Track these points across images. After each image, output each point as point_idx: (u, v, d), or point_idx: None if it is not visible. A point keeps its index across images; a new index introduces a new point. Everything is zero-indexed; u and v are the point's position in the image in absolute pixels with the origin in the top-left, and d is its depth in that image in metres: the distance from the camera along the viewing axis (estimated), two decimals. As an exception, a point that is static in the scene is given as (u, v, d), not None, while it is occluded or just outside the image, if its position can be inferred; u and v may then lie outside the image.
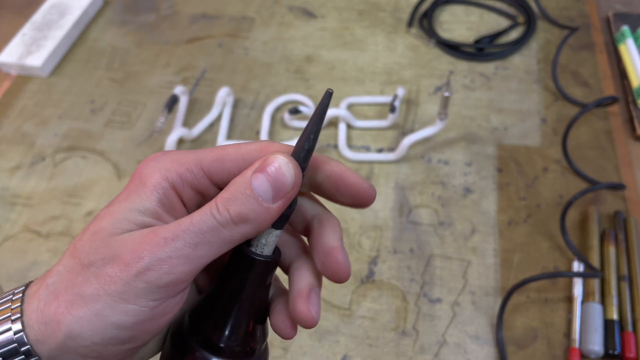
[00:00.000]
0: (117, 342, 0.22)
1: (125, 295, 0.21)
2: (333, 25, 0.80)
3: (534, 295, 0.52)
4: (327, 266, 0.24)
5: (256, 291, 0.24)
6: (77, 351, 0.22)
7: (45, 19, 0.81)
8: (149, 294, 0.21)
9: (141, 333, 0.22)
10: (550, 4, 0.79)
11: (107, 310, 0.21)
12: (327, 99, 0.22)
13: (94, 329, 0.21)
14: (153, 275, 0.21)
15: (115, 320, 0.21)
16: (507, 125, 0.66)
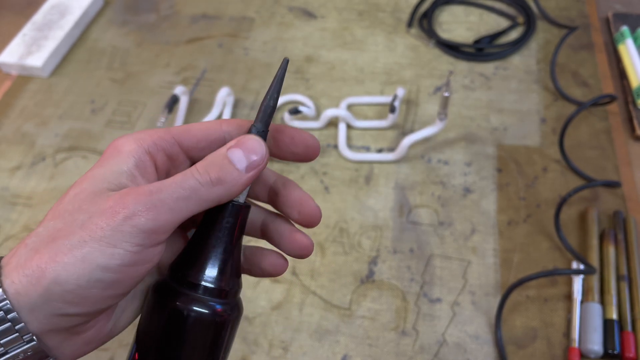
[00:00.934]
0: (101, 285, 0.23)
1: (112, 239, 0.22)
2: (333, 26, 0.80)
3: (534, 295, 0.52)
4: (303, 213, 0.27)
5: (229, 234, 0.26)
6: (62, 297, 0.22)
7: (45, 19, 0.82)
8: (133, 237, 0.23)
9: (124, 277, 0.23)
10: (550, 4, 0.79)
11: (93, 254, 0.22)
12: (284, 66, 0.26)
13: (80, 272, 0.22)
14: (139, 221, 0.23)
15: (101, 263, 0.22)
16: (507, 126, 0.66)
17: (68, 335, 0.25)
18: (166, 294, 0.26)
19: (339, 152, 0.64)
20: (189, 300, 0.25)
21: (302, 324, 0.52)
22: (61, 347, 0.25)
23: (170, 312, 0.25)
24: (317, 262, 0.56)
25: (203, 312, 0.25)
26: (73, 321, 0.24)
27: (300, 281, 0.55)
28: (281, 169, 0.63)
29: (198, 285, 0.25)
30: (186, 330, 0.25)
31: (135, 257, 0.23)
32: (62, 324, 0.23)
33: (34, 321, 0.22)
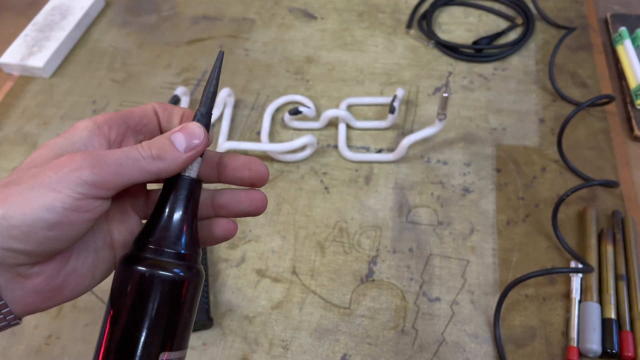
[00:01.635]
0: (45, 225, 0.25)
1: (57, 185, 0.25)
2: (333, 27, 0.80)
3: (533, 294, 0.52)
4: (253, 170, 0.31)
5: (183, 205, 0.29)
6: (8, 232, 0.24)
7: (47, 20, 0.82)
8: (77, 186, 0.25)
9: (66, 221, 0.25)
10: (549, 5, 0.79)
11: (39, 197, 0.25)
12: (220, 58, 0.30)
13: (26, 211, 0.25)
14: (83, 173, 0.25)
15: (45, 204, 0.25)
16: (506, 126, 0.66)
17: (15, 276, 0.26)
18: (130, 260, 0.28)
19: (338, 153, 0.65)
20: (150, 263, 0.28)
21: (302, 323, 0.52)
22: (8, 288, 0.26)
23: (135, 274, 0.28)
24: (317, 261, 0.56)
25: (163, 273, 0.28)
26: (18, 258, 0.25)
27: (300, 281, 0.55)
28: (281, 169, 0.64)
29: (158, 250, 0.28)
30: (149, 291, 0.27)
31: (76, 202, 0.25)
32: (7, 260, 0.25)
33: None
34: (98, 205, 0.27)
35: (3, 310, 0.27)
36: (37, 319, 0.54)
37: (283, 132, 0.68)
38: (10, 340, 0.52)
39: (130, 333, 0.28)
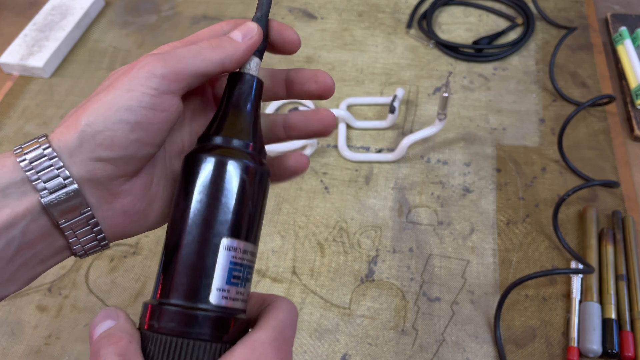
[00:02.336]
0: (126, 127, 0.26)
1: (131, 85, 0.26)
2: (333, 27, 0.80)
3: (533, 295, 0.52)
4: (319, 82, 0.32)
5: (244, 101, 0.30)
6: (93, 138, 0.26)
7: (46, 19, 0.82)
8: (148, 81, 0.26)
9: (144, 120, 0.27)
10: (549, 5, 0.79)
11: (117, 99, 0.26)
12: None
13: (107, 114, 0.26)
14: (152, 67, 0.27)
15: (123, 104, 0.26)
16: (506, 126, 0.66)
17: (106, 195, 0.28)
18: (194, 152, 0.28)
19: (338, 152, 0.65)
20: (216, 152, 0.28)
21: (302, 323, 0.52)
22: (100, 208, 0.28)
23: (199, 161, 0.28)
24: (317, 261, 0.56)
25: (230, 158, 0.27)
26: (107, 170, 0.27)
27: (300, 280, 0.55)
28: (281, 169, 0.64)
29: (224, 139, 0.28)
30: (216, 178, 0.27)
31: (152, 100, 0.27)
32: (98, 172, 0.27)
33: (73, 165, 0.26)
34: (173, 104, 0.28)
35: (95, 229, 0.28)
36: (37, 319, 0.54)
37: (283, 132, 0.68)
38: (10, 341, 0.52)
39: (193, 217, 0.27)
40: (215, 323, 0.26)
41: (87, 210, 0.27)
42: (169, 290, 0.26)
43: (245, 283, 0.27)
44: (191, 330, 0.25)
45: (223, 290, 0.26)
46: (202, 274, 0.26)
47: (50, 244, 0.27)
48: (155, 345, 0.25)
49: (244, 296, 0.27)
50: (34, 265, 0.27)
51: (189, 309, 0.26)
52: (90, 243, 0.28)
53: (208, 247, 0.26)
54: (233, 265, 0.27)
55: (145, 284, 0.55)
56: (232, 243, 0.27)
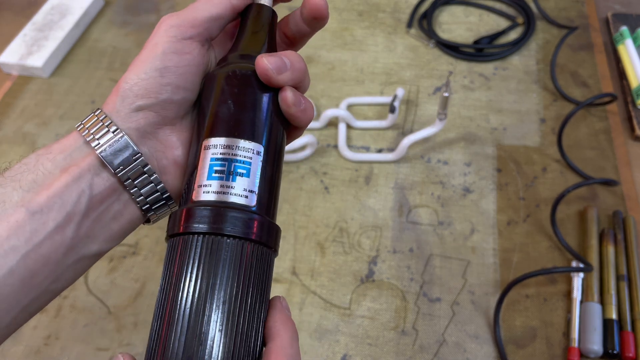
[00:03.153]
0: (156, 73, 0.29)
1: (155, 40, 0.30)
2: (333, 26, 0.80)
3: (533, 295, 0.52)
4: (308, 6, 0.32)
5: (260, 24, 0.32)
6: (131, 91, 0.29)
7: (46, 19, 0.82)
8: (167, 32, 0.30)
9: (171, 64, 0.29)
10: (550, 5, 0.79)
11: (145, 54, 0.29)
12: None
13: (139, 67, 0.29)
14: (169, 20, 0.30)
15: (150, 56, 0.29)
16: (506, 126, 0.66)
17: (157, 144, 0.30)
18: (223, 67, 0.30)
19: (339, 152, 0.65)
20: (233, 64, 0.29)
21: (302, 324, 0.52)
22: (154, 157, 0.30)
23: (219, 76, 0.29)
24: (317, 262, 0.56)
25: (246, 66, 0.29)
26: (149, 117, 0.29)
27: (300, 281, 0.55)
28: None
29: (243, 55, 0.30)
30: (208, 90, 0.29)
31: (173, 45, 0.29)
32: (141, 121, 0.29)
33: (119, 120, 0.29)
34: (195, 48, 0.30)
35: (152, 177, 0.29)
36: (36, 319, 0.54)
37: (283, 132, 0.68)
38: (10, 341, 0.52)
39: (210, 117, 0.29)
40: (185, 215, 0.27)
41: (138, 157, 0.29)
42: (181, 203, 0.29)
43: (234, 177, 0.27)
44: (176, 227, 0.27)
45: (204, 185, 0.27)
46: (192, 178, 0.28)
47: (117, 197, 0.29)
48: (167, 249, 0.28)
49: (236, 190, 0.27)
50: (108, 222, 0.29)
51: (175, 212, 0.28)
52: (151, 195, 0.30)
53: (197, 151, 0.28)
54: (214, 161, 0.27)
55: (145, 284, 0.55)
56: (209, 142, 0.28)
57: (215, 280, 0.25)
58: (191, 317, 0.24)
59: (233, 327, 0.24)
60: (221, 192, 0.27)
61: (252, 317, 0.25)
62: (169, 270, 0.26)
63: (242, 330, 0.25)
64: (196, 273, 0.25)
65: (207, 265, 0.25)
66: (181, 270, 0.25)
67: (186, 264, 0.25)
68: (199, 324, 0.24)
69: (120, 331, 0.52)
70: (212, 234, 0.25)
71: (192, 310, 0.24)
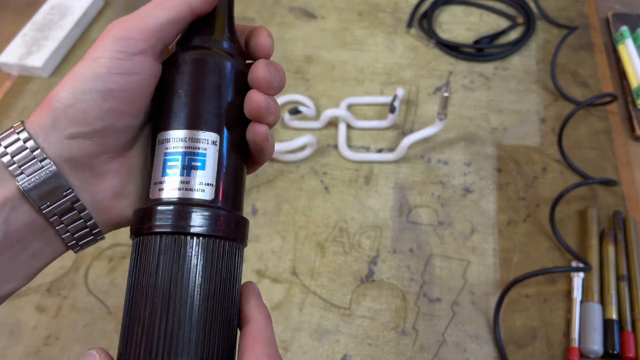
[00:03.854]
0: (97, 96, 0.25)
1: (96, 53, 0.25)
2: (333, 26, 0.80)
3: (534, 295, 0.52)
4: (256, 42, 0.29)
5: (223, 6, 0.29)
6: (65, 113, 0.25)
7: (46, 19, 0.82)
8: (112, 45, 0.25)
9: (116, 87, 0.25)
10: (550, 5, 0.79)
11: (84, 69, 0.25)
12: None
13: (75, 86, 0.25)
14: (118, 29, 0.26)
15: (90, 73, 0.25)
16: (507, 126, 0.66)
17: (90, 176, 0.26)
18: (175, 54, 0.28)
19: (339, 152, 0.64)
20: (186, 49, 0.27)
21: (302, 324, 0.52)
22: (87, 190, 0.26)
23: (169, 62, 0.27)
24: (317, 262, 0.56)
25: (201, 50, 0.27)
26: (85, 147, 0.25)
27: (300, 281, 0.55)
28: (281, 169, 0.63)
29: (199, 37, 0.28)
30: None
31: (120, 63, 0.25)
32: (75, 151, 0.25)
33: (48, 146, 0.25)
34: (146, 67, 0.26)
35: (82, 214, 0.26)
36: (36, 319, 0.54)
37: (283, 132, 0.68)
38: (9, 341, 0.52)
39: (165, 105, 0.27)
40: (139, 215, 0.26)
41: (69, 192, 0.25)
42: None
43: (188, 170, 0.26)
44: (141, 226, 0.26)
45: (159, 182, 0.26)
46: (150, 176, 0.26)
47: (39, 234, 0.25)
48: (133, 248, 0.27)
49: (192, 184, 0.26)
50: (27, 260, 0.25)
51: (135, 210, 0.27)
52: (80, 231, 0.26)
53: (152, 146, 0.27)
54: (167, 156, 0.26)
55: (145, 284, 0.55)
56: (162, 135, 0.26)
57: (182, 278, 0.24)
58: (163, 317, 0.24)
59: (206, 322, 0.24)
60: (178, 187, 0.26)
61: (224, 308, 0.25)
62: (136, 270, 0.25)
63: (216, 323, 0.25)
64: (162, 275, 0.24)
65: (172, 266, 0.24)
66: (147, 272, 0.25)
67: (151, 266, 0.25)
68: (173, 324, 0.24)
69: (119, 331, 0.52)
70: (175, 233, 0.25)
71: (164, 309, 0.24)
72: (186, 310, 0.24)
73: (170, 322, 0.24)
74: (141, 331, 0.24)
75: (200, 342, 0.24)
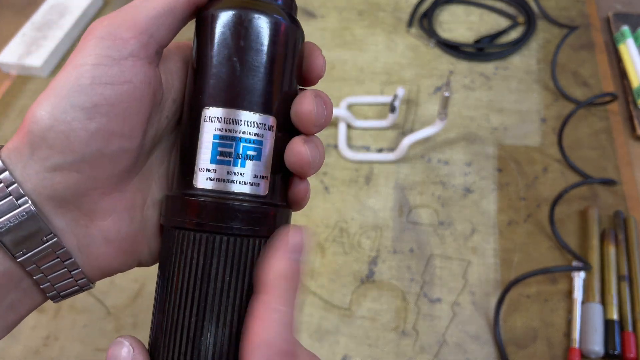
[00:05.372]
0: (80, 114, 0.20)
1: (77, 60, 0.20)
2: (333, 25, 0.80)
3: (534, 295, 0.52)
4: None
5: None
6: (44, 139, 0.20)
7: (45, 19, 0.81)
8: (96, 49, 0.21)
9: (103, 101, 0.20)
10: (550, 4, 0.79)
11: (62, 81, 0.20)
12: None
13: (54, 102, 0.20)
14: (96, 31, 0.21)
15: (71, 85, 0.20)
16: (507, 125, 0.66)
17: (78, 217, 0.22)
18: (226, 4, 0.23)
19: (339, 152, 0.64)
20: (238, 3, 0.23)
21: (302, 324, 0.52)
22: (73, 234, 0.22)
23: (220, 20, 0.23)
24: (317, 262, 0.56)
25: (256, 6, 0.23)
26: (70, 180, 0.21)
27: (300, 281, 0.55)
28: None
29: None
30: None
31: (106, 70, 0.20)
32: (59, 186, 0.21)
33: (27, 180, 0.20)
34: (138, 72, 0.21)
35: (67, 262, 0.21)
36: (35, 319, 0.53)
37: (283, 132, 0.67)
38: (8, 341, 0.52)
39: (187, 92, 0.23)
40: (195, 208, 0.22)
41: (50, 237, 0.21)
42: (172, 183, 0.24)
43: (242, 161, 0.22)
44: (176, 219, 0.22)
45: (207, 170, 0.22)
46: (191, 155, 0.23)
47: (15, 285, 0.21)
48: (163, 239, 0.24)
49: (245, 177, 0.22)
50: (2, 313, 0.21)
51: (173, 196, 0.23)
52: (63, 281, 0.22)
53: (192, 119, 0.23)
54: (217, 140, 0.22)
55: (144, 284, 0.55)
56: (209, 112, 0.22)
57: (236, 285, 0.22)
58: (211, 329, 0.22)
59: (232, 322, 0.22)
60: (228, 180, 0.22)
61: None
62: (182, 269, 0.22)
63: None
64: (213, 281, 0.22)
65: (224, 271, 0.22)
66: (197, 274, 0.22)
67: (204, 268, 0.22)
68: (222, 336, 0.22)
69: (119, 331, 0.52)
70: (228, 234, 0.22)
71: (213, 320, 0.22)
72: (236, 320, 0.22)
73: (220, 333, 0.22)
74: (187, 339, 0.22)
75: None
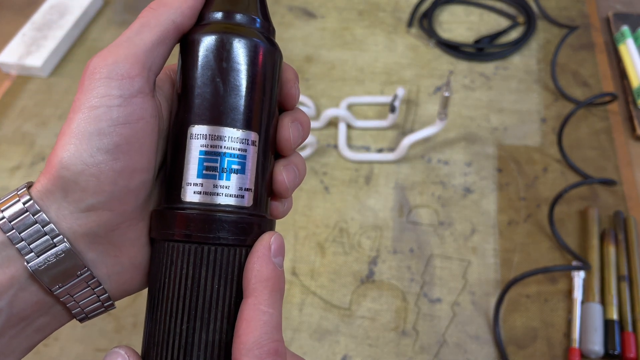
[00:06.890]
0: (106, 156, 0.22)
1: (90, 102, 0.22)
2: (333, 25, 0.80)
3: (534, 295, 0.52)
4: None
5: None
6: (75, 182, 0.22)
7: (45, 19, 0.81)
8: (107, 89, 0.22)
9: (123, 141, 0.22)
10: (550, 4, 0.79)
11: (81, 125, 0.21)
12: None
13: (79, 147, 0.21)
14: (102, 71, 0.22)
15: (91, 129, 0.21)
16: (507, 125, 0.66)
17: (109, 248, 0.23)
18: (208, 30, 0.24)
19: (339, 152, 0.64)
20: (221, 26, 0.24)
21: (302, 324, 0.52)
22: (103, 264, 0.23)
23: (203, 43, 0.24)
24: (317, 262, 0.56)
25: (238, 29, 0.24)
26: (103, 218, 0.22)
27: (300, 281, 0.55)
28: (281, 169, 0.63)
29: (230, 11, 0.25)
30: (189, 60, 0.24)
31: (121, 110, 0.22)
32: (93, 224, 0.22)
33: (62, 220, 0.22)
34: (147, 107, 0.22)
35: (96, 289, 0.23)
36: (35, 320, 0.53)
37: (283, 132, 0.67)
38: (8, 342, 0.52)
39: (175, 110, 0.24)
40: (183, 220, 0.23)
41: (84, 271, 0.23)
42: (160, 199, 0.25)
43: (227, 175, 0.24)
44: (166, 231, 0.24)
45: (194, 184, 0.23)
46: (178, 171, 0.24)
47: (46, 312, 0.23)
48: (153, 252, 0.25)
49: (230, 190, 0.24)
50: (29, 335, 0.23)
51: (163, 210, 0.24)
52: (91, 305, 0.24)
53: (179, 137, 0.24)
54: (203, 155, 0.23)
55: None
56: (195, 130, 0.24)
57: (225, 293, 0.23)
58: (202, 335, 0.23)
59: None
60: (214, 193, 0.23)
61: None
62: (171, 278, 0.23)
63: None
64: (202, 289, 0.23)
65: (213, 280, 0.23)
66: (186, 283, 0.23)
67: (191, 279, 0.23)
68: (214, 341, 0.23)
69: (119, 332, 0.52)
70: (214, 244, 0.23)
71: (204, 326, 0.23)
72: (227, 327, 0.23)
73: (211, 339, 0.23)
74: (178, 346, 0.23)
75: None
